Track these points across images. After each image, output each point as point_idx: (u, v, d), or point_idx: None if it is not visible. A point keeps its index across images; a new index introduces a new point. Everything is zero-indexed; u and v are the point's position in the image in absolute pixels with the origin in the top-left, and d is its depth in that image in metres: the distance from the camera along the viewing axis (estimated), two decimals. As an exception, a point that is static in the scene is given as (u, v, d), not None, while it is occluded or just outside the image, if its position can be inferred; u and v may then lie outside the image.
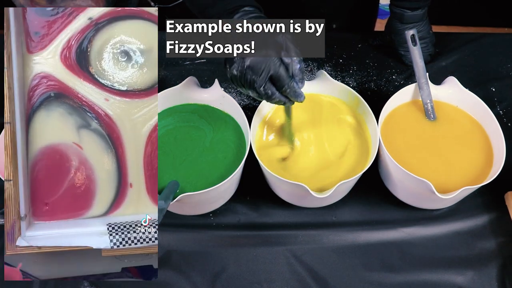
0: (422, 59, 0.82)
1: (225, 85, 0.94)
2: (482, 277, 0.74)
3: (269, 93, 0.65)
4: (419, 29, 0.93)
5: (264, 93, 0.65)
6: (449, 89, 0.84)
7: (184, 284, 0.73)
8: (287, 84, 0.65)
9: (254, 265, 0.75)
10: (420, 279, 0.74)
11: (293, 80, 0.65)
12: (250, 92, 0.66)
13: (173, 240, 0.77)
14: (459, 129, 0.81)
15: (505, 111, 0.92)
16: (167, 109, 0.82)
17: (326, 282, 0.74)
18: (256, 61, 0.63)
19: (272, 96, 0.65)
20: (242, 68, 0.64)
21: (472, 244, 0.77)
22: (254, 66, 0.63)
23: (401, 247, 0.77)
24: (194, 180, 0.75)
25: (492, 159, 0.77)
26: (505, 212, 0.79)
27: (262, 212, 0.81)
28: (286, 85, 0.65)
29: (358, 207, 0.81)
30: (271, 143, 0.79)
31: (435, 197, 0.69)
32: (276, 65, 0.63)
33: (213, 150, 0.78)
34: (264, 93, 0.65)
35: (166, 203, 0.68)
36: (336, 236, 0.78)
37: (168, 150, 0.78)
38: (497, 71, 0.99)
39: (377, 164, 0.81)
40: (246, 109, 0.90)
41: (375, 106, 0.78)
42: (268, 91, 0.65)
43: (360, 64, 1.00)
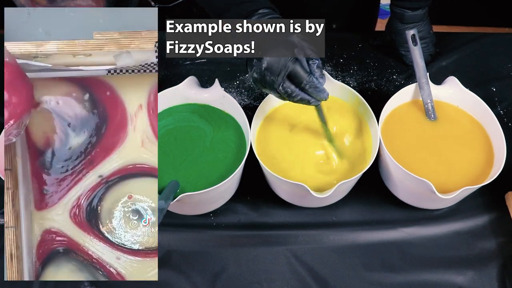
0: (423, 59, 0.82)
1: (225, 85, 0.94)
2: (483, 277, 0.74)
3: (288, 91, 0.65)
4: (420, 29, 0.92)
5: (284, 91, 0.65)
6: (449, 89, 0.84)
7: (184, 284, 0.73)
8: (305, 80, 0.65)
9: (254, 265, 0.75)
10: (421, 279, 0.74)
11: (311, 75, 0.65)
12: (273, 93, 0.67)
13: (173, 240, 0.77)
14: (460, 129, 0.81)
15: (506, 111, 0.92)
16: (167, 109, 0.82)
17: (326, 282, 0.74)
18: (271, 62, 0.64)
19: (293, 94, 0.66)
20: (260, 70, 0.65)
21: (473, 244, 0.77)
22: (271, 67, 0.64)
23: (401, 247, 0.77)
24: (194, 180, 0.75)
25: (492, 159, 0.77)
26: (506, 212, 0.79)
27: (262, 212, 0.81)
28: (305, 81, 0.65)
29: (359, 207, 0.81)
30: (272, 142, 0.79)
31: (436, 197, 0.69)
32: (291, 63, 0.64)
33: (213, 150, 0.78)
34: (284, 91, 0.65)
35: (166, 203, 0.68)
36: (337, 236, 0.78)
37: (168, 150, 0.78)
38: (498, 71, 0.99)
39: (378, 164, 0.81)
40: (246, 109, 0.90)
41: (375, 106, 0.78)
42: (287, 89, 0.65)
43: (361, 64, 1.00)
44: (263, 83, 0.66)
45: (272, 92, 0.67)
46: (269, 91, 0.67)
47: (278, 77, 0.64)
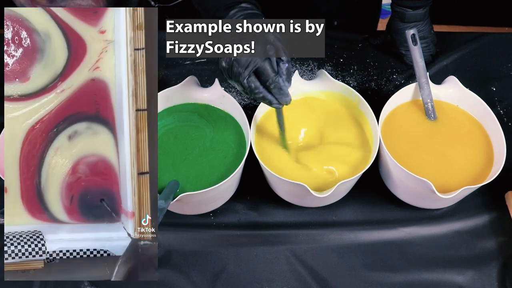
0: (423, 58, 0.82)
1: (225, 85, 0.94)
2: (483, 277, 0.74)
3: (252, 86, 0.65)
4: (421, 29, 0.92)
5: (247, 85, 0.65)
6: (449, 88, 0.84)
7: (184, 283, 0.74)
8: (271, 79, 0.65)
9: (254, 264, 0.75)
10: (421, 278, 0.74)
11: (278, 76, 0.65)
12: (237, 85, 0.67)
13: (173, 239, 0.77)
14: (460, 128, 0.81)
15: (506, 110, 0.92)
16: (167, 108, 0.82)
17: (327, 281, 0.74)
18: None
19: (256, 90, 0.66)
20: (229, 60, 0.65)
21: (473, 244, 0.77)
22: (240, 59, 0.64)
23: (402, 247, 0.77)
24: (194, 179, 0.75)
25: (492, 159, 0.77)
26: (505, 212, 0.79)
27: (262, 211, 0.81)
28: (271, 79, 0.65)
29: (359, 207, 0.81)
30: (272, 142, 0.79)
31: (436, 197, 0.69)
32: (261, 59, 0.64)
33: (213, 149, 0.78)
34: (248, 86, 0.65)
35: (166, 203, 0.68)
36: (337, 236, 0.78)
37: (168, 150, 0.78)
38: (498, 71, 0.99)
39: (378, 164, 0.81)
40: (246, 108, 0.90)
41: (375, 105, 0.78)
42: (251, 84, 0.65)
43: (361, 63, 1.00)
44: (230, 74, 0.66)
45: (236, 84, 0.67)
46: (234, 83, 0.67)
47: (245, 70, 0.64)
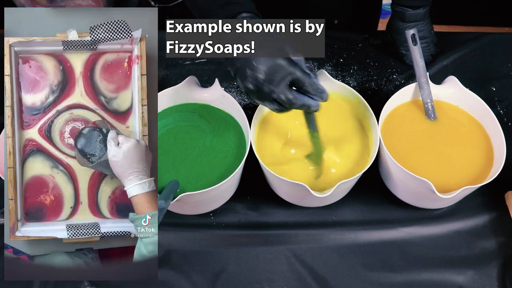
0: (423, 58, 0.82)
1: (225, 85, 0.94)
2: (483, 277, 0.74)
3: (290, 97, 0.62)
4: (421, 29, 0.92)
5: (285, 99, 0.62)
6: (449, 88, 0.84)
7: (184, 283, 0.74)
8: (307, 82, 0.63)
9: (254, 264, 0.75)
10: (421, 278, 0.74)
11: (309, 76, 0.63)
12: (267, 105, 0.64)
13: (173, 239, 0.77)
14: (460, 128, 0.81)
15: (506, 110, 0.92)
16: (167, 108, 0.82)
17: (327, 281, 0.74)
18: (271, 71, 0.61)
19: (294, 100, 0.63)
20: (256, 81, 0.62)
21: (472, 244, 0.77)
22: (270, 78, 0.61)
23: (402, 247, 0.77)
24: (194, 179, 0.75)
25: (492, 159, 0.77)
26: (505, 212, 0.79)
27: (262, 211, 0.81)
28: (307, 83, 0.63)
29: (359, 207, 0.81)
30: (272, 142, 0.79)
31: (436, 197, 0.69)
32: (292, 68, 0.61)
33: (213, 149, 0.78)
34: (286, 99, 0.62)
35: (166, 203, 0.68)
36: (337, 236, 0.78)
37: (168, 150, 0.78)
38: (498, 71, 0.99)
39: (378, 164, 0.81)
40: (246, 108, 0.90)
41: (375, 105, 0.78)
42: (289, 95, 0.62)
43: (361, 63, 1.00)
44: (260, 95, 0.63)
45: (266, 103, 0.64)
46: (264, 103, 0.64)
47: (280, 86, 0.62)
